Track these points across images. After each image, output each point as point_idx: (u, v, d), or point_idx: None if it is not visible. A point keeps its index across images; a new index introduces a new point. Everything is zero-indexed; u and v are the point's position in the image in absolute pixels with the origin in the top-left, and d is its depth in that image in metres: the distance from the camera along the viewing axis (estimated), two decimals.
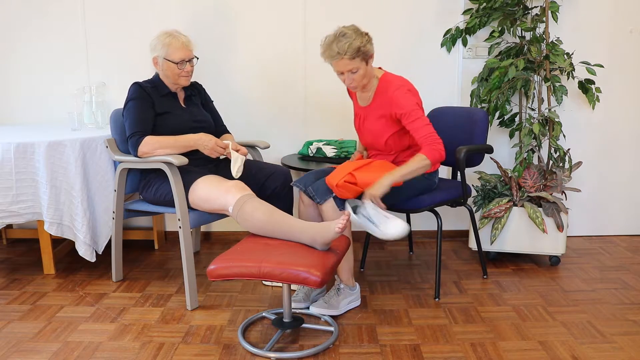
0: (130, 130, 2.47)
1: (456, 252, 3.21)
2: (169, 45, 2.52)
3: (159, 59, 2.56)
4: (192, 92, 2.72)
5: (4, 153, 2.62)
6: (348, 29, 2.27)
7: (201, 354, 2.09)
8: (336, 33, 2.28)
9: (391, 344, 2.15)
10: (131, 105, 2.51)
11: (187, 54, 2.55)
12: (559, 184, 2.92)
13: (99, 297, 2.60)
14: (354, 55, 2.25)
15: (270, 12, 3.22)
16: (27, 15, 3.24)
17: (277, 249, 2.08)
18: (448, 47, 3.24)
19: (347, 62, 2.27)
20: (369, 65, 2.34)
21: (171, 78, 2.57)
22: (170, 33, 2.57)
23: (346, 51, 2.23)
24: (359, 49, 2.25)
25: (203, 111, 2.71)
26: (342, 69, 2.30)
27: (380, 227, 2.11)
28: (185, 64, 2.55)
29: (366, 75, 2.35)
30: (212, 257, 3.13)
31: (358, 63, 2.28)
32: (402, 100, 2.32)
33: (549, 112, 2.93)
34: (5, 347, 2.14)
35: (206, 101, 2.79)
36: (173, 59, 2.52)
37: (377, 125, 2.44)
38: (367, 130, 2.49)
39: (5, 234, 3.40)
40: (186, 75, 2.57)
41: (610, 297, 2.57)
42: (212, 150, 2.46)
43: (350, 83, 2.34)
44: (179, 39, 2.55)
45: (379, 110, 2.42)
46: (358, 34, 2.26)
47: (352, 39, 2.24)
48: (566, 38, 3.20)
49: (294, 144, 3.35)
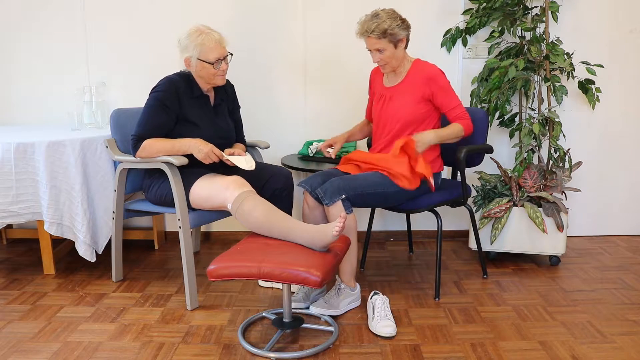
0: (136, 130, 2.41)
1: (456, 252, 3.21)
2: (202, 44, 2.37)
3: (192, 60, 2.41)
4: (222, 98, 2.60)
5: (4, 153, 2.62)
6: (383, 11, 2.40)
7: (201, 354, 2.09)
8: (372, 13, 2.42)
9: (391, 344, 2.15)
10: (151, 104, 2.40)
11: (221, 52, 2.41)
12: (559, 184, 2.92)
13: (99, 297, 2.60)
14: (380, 35, 2.38)
15: (270, 11, 3.22)
16: (27, 16, 3.24)
17: (277, 249, 2.08)
18: (448, 47, 3.24)
19: (374, 40, 2.40)
20: (398, 49, 2.44)
21: (206, 78, 2.45)
22: (202, 30, 2.40)
23: (373, 30, 2.37)
24: (386, 30, 2.37)
25: (229, 122, 2.61)
26: (369, 47, 2.44)
27: (375, 320, 2.25)
28: (221, 62, 2.42)
29: (395, 57, 2.45)
30: (212, 257, 3.13)
31: (385, 44, 2.40)
32: (439, 78, 2.46)
33: (549, 112, 2.93)
34: (5, 347, 2.14)
35: (234, 108, 2.69)
36: (208, 59, 2.39)
37: (403, 102, 2.49)
38: (392, 109, 2.52)
39: (5, 234, 3.40)
40: (222, 75, 2.46)
41: (610, 297, 2.57)
42: (206, 155, 2.35)
43: (377, 61, 2.47)
44: (212, 37, 2.39)
45: (410, 88, 2.49)
46: (390, 17, 2.38)
47: (382, 21, 2.37)
48: (566, 38, 3.20)
49: (294, 144, 3.35)
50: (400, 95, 2.51)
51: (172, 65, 3.20)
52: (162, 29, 3.23)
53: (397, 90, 2.52)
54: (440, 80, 2.46)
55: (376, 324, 2.23)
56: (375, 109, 2.61)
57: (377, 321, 2.24)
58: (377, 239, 3.45)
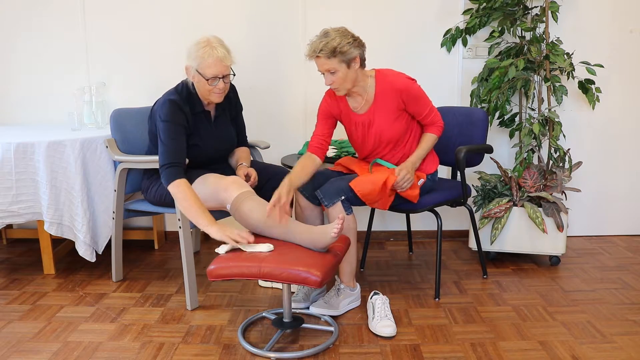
0: (164, 160, 2.27)
1: (456, 252, 3.21)
2: (202, 57, 2.27)
3: (191, 70, 2.33)
4: (224, 107, 2.53)
5: (4, 153, 2.62)
6: (333, 30, 2.25)
7: (201, 354, 2.09)
8: (321, 32, 2.27)
9: (391, 344, 2.15)
10: (168, 129, 2.28)
11: (220, 70, 2.29)
12: (559, 184, 2.92)
13: (99, 297, 2.60)
14: (329, 54, 2.22)
15: (269, 11, 3.22)
16: (27, 15, 3.24)
17: (277, 249, 2.08)
18: (448, 47, 3.24)
19: (323, 61, 2.25)
20: (351, 69, 2.28)
21: (201, 93, 2.37)
22: (208, 42, 2.29)
23: (321, 49, 2.22)
24: (335, 49, 2.21)
25: (230, 130, 2.56)
26: (320, 68, 2.29)
27: (375, 320, 2.25)
28: (218, 80, 2.31)
29: (347, 79, 2.29)
30: (212, 257, 3.13)
31: (336, 64, 2.24)
32: (409, 89, 2.36)
33: (549, 112, 2.93)
34: (5, 347, 2.14)
35: (237, 110, 2.61)
36: (204, 74, 2.29)
37: (385, 125, 2.40)
38: (375, 134, 2.43)
39: (5, 234, 3.40)
40: (218, 93, 2.34)
41: (610, 297, 2.57)
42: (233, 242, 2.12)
43: (330, 84, 2.31)
44: (215, 53, 2.27)
45: (384, 106, 2.39)
46: (341, 35, 2.23)
47: (331, 39, 2.22)
48: (566, 38, 3.20)
49: (294, 144, 3.35)
50: (380, 117, 2.40)
51: (172, 65, 3.21)
52: (162, 29, 3.23)
53: (374, 114, 2.40)
54: (412, 91, 2.36)
55: (376, 324, 2.23)
56: (355, 135, 2.50)
57: (377, 321, 2.24)
58: (377, 239, 3.45)
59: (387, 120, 2.40)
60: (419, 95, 2.39)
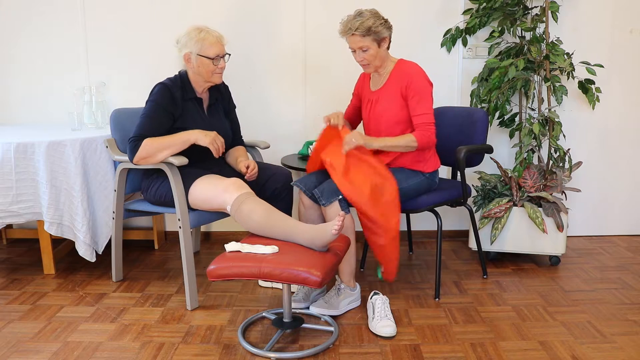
0: (135, 132, 2.39)
1: (456, 252, 3.21)
2: (203, 40, 2.42)
3: (192, 56, 2.44)
4: (217, 97, 2.62)
5: (4, 153, 2.62)
6: (367, 10, 2.41)
7: (201, 354, 2.09)
8: (355, 12, 2.41)
9: (391, 344, 2.15)
10: (150, 107, 2.42)
11: (221, 50, 2.47)
12: (559, 184, 2.92)
13: (99, 297, 2.60)
14: (365, 33, 2.37)
15: (269, 12, 3.22)
16: (27, 16, 3.24)
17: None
18: (448, 47, 3.24)
19: (358, 39, 2.39)
20: (381, 48, 2.43)
21: (204, 75, 2.47)
22: (201, 28, 2.46)
23: (357, 28, 2.37)
24: (370, 28, 2.36)
25: (224, 122, 2.63)
26: (353, 46, 2.42)
27: (375, 320, 2.25)
28: (220, 59, 2.47)
29: (378, 56, 2.44)
30: (212, 257, 3.13)
31: (369, 42, 2.39)
32: (417, 77, 2.42)
33: (549, 112, 2.93)
34: (5, 347, 2.14)
35: (229, 108, 2.70)
36: (208, 54, 2.43)
37: (387, 104, 2.48)
38: (378, 112, 2.50)
39: (5, 234, 3.40)
40: (220, 72, 2.50)
41: (610, 297, 2.57)
42: (212, 140, 2.38)
43: (361, 60, 2.45)
44: (213, 34, 2.46)
45: (392, 89, 2.47)
46: (374, 16, 2.39)
47: (366, 19, 2.37)
48: (566, 38, 3.20)
49: (294, 144, 3.35)
50: (384, 97, 2.50)
51: (172, 65, 3.21)
52: (162, 29, 3.23)
53: (381, 93, 2.51)
54: (417, 81, 2.41)
55: (376, 324, 2.23)
56: (364, 113, 2.61)
57: (377, 321, 2.24)
58: None
59: (390, 103, 2.47)
60: (422, 93, 2.41)
